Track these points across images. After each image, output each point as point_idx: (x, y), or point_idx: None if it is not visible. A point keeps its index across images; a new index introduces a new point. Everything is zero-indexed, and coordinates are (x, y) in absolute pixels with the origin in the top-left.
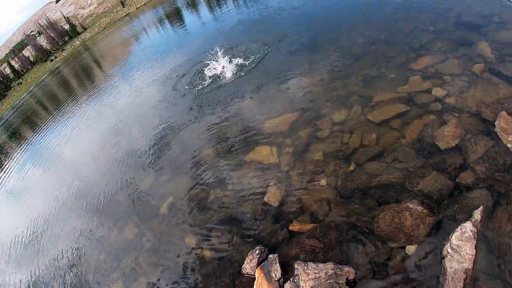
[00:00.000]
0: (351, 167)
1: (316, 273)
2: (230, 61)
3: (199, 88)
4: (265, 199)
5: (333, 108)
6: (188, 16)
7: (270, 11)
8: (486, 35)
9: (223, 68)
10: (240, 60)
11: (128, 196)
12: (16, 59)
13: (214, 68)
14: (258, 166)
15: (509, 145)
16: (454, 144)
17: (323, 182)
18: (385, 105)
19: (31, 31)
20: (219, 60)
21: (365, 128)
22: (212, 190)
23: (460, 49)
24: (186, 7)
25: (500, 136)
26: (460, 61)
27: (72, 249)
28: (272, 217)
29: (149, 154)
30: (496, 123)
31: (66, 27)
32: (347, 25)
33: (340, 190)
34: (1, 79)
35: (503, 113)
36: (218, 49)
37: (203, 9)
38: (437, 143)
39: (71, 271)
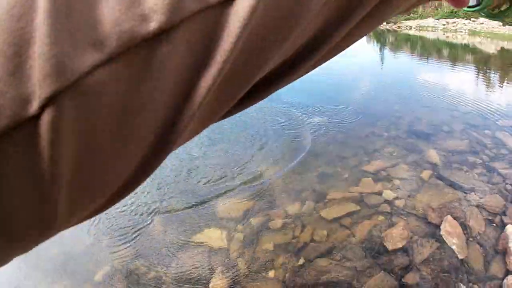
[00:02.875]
0: (301, 262)
1: None
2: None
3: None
4: (210, 286)
5: (287, 200)
6: None
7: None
8: (434, 143)
9: None
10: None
11: (63, 254)
12: None
13: None
14: (206, 249)
15: (453, 247)
16: (401, 246)
17: (271, 274)
18: (337, 203)
19: None
20: None
21: (317, 224)
22: (153, 267)
23: (411, 155)
24: None
25: (445, 239)
26: (410, 166)
27: None
28: None
29: (95, 219)
30: (442, 226)
31: None
32: (308, 125)
33: (288, 284)
34: None
35: (449, 217)
36: None
37: None
38: (385, 243)
39: None
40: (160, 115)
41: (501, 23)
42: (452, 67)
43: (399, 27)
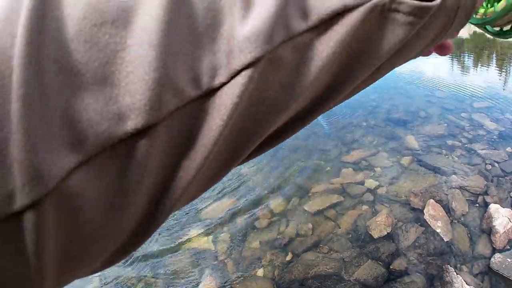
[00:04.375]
0: (288, 257)
1: None
2: None
3: None
4: None
5: (271, 197)
6: None
7: None
8: (413, 129)
9: None
10: None
11: None
12: None
13: None
14: (193, 252)
15: (438, 230)
16: (386, 233)
17: (259, 272)
18: (320, 196)
19: None
20: None
21: (301, 218)
22: (142, 275)
23: (390, 142)
24: None
25: (429, 223)
26: (390, 154)
27: None
28: None
29: None
30: (425, 210)
31: None
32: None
33: (277, 281)
34: None
35: (431, 201)
36: None
37: None
38: (370, 232)
39: None
40: (141, 208)
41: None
42: None
43: None
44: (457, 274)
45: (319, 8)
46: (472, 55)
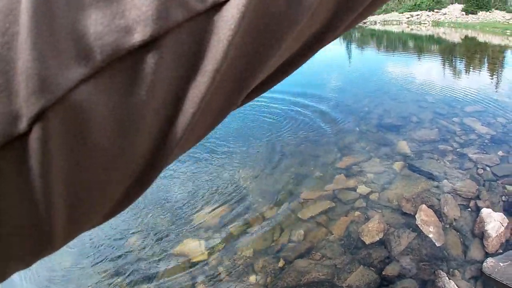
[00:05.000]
0: (281, 264)
1: None
2: None
3: None
4: None
5: (263, 204)
6: None
7: None
8: (405, 134)
9: None
10: None
11: (43, 277)
12: None
13: None
14: (186, 260)
15: (430, 236)
16: (378, 239)
17: (252, 279)
18: (313, 202)
19: None
20: None
21: (294, 225)
22: (134, 283)
23: (382, 148)
24: None
25: (421, 228)
26: (382, 159)
27: None
28: None
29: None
30: (417, 216)
31: None
32: (275, 126)
33: None
34: None
35: (423, 206)
36: None
37: None
38: (362, 238)
39: None
40: (151, 128)
41: (463, 12)
42: (418, 58)
43: (364, 22)
44: (449, 279)
45: None
46: (463, 59)
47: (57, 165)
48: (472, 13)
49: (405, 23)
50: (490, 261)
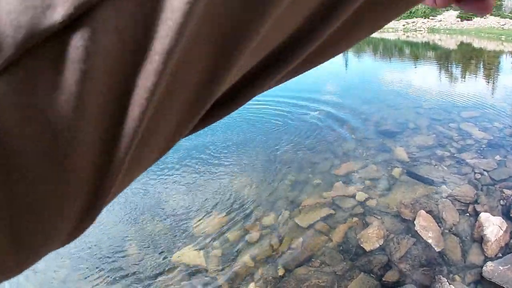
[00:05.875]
0: (280, 272)
1: None
2: None
3: None
4: None
5: (262, 212)
6: None
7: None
8: (402, 140)
9: None
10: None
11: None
12: None
13: None
14: (184, 268)
15: (429, 241)
16: (378, 245)
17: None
18: (311, 209)
19: None
20: None
21: (293, 232)
22: None
23: (380, 155)
24: None
25: (420, 234)
26: (380, 166)
27: None
28: None
29: (69, 248)
30: (416, 221)
31: None
32: (275, 133)
33: None
34: None
35: (422, 212)
36: None
37: None
38: (362, 245)
39: None
40: (89, 136)
41: (458, 18)
42: (414, 65)
43: None
44: (450, 284)
45: None
46: (459, 65)
47: None
48: (467, 19)
49: (401, 30)
50: (489, 265)
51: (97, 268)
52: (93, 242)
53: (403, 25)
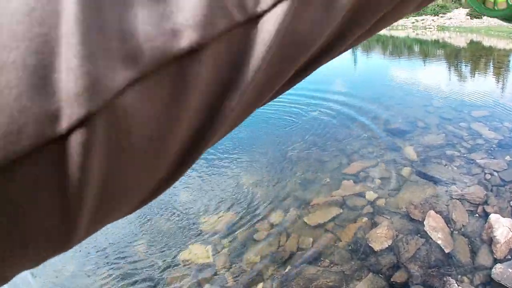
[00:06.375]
0: (288, 271)
1: None
2: None
3: None
4: None
5: (270, 210)
6: None
7: None
8: (412, 139)
9: None
10: None
11: (47, 284)
12: None
13: None
14: (193, 266)
15: (438, 242)
16: (387, 245)
17: (259, 287)
18: (320, 208)
19: None
20: None
21: (302, 231)
22: None
23: (389, 154)
24: None
25: (429, 234)
26: (389, 165)
27: None
28: None
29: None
30: (425, 222)
31: None
32: (284, 131)
33: None
34: None
35: (431, 212)
36: None
37: None
38: (370, 244)
39: None
40: (184, 133)
41: (468, 16)
42: (424, 63)
43: None
44: (458, 285)
45: None
46: (469, 64)
47: (95, 169)
48: (477, 18)
49: (410, 28)
50: (499, 267)
51: (103, 264)
52: (100, 239)
53: (413, 23)
